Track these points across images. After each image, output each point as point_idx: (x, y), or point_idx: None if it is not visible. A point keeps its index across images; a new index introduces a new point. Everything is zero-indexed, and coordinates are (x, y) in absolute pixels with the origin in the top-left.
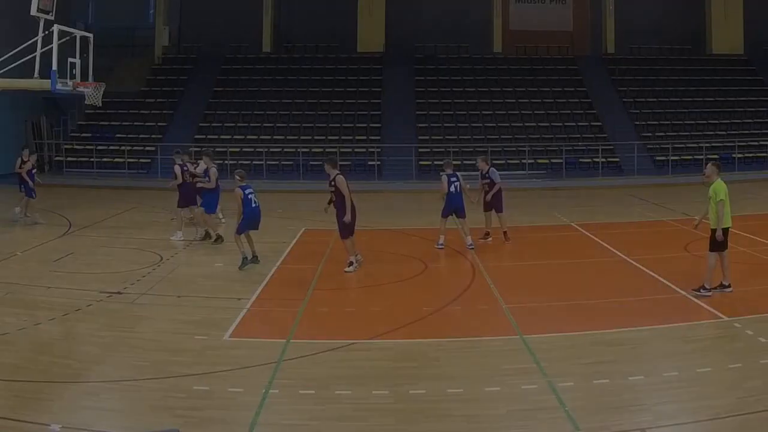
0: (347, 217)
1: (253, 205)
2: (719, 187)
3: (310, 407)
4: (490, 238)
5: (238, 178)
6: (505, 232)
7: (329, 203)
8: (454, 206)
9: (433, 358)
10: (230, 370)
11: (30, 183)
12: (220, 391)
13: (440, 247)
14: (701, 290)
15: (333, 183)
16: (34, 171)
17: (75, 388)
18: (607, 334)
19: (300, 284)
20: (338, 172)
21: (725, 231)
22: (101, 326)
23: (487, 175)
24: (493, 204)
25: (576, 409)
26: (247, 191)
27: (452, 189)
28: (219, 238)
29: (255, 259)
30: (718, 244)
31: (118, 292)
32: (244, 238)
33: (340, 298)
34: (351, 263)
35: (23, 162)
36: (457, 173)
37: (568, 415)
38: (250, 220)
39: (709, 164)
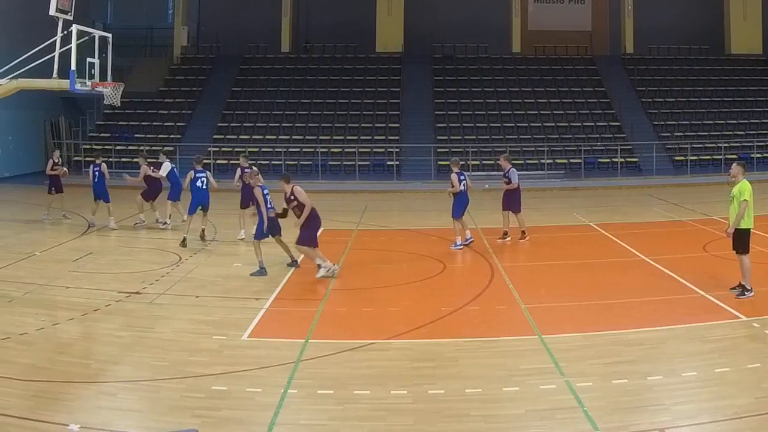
0: (299, 221)
1: (269, 205)
2: (744, 187)
3: (328, 407)
4: (509, 238)
5: (255, 176)
6: (523, 232)
7: (282, 216)
8: (466, 205)
9: (451, 358)
10: (249, 370)
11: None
12: (238, 391)
13: (459, 247)
14: (746, 293)
15: (293, 197)
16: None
17: (93, 388)
18: (625, 333)
19: (318, 284)
20: (293, 184)
21: (747, 232)
22: (120, 326)
23: (506, 175)
24: (510, 205)
25: (594, 409)
26: (265, 191)
27: (462, 187)
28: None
29: (294, 263)
30: (743, 244)
31: (137, 292)
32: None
33: (358, 297)
34: (320, 266)
35: (55, 164)
36: (464, 172)
37: (587, 415)
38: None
39: (735, 164)
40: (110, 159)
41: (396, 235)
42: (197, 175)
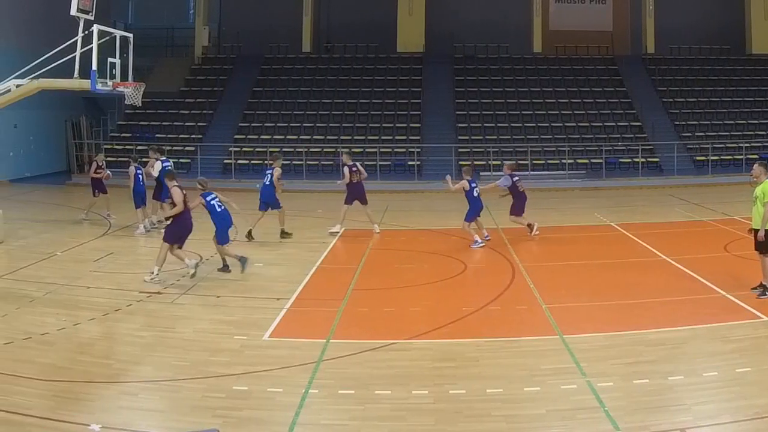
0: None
1: (219, 210)
2: (767, 187)
3: (349, 407)
4: (536, 230)
5: (199, 186)
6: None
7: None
8: (478, 210)
9: (472, 358)
10: (269, 370)
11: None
12: (259, 391)
13: (480, 245)
14: (767, 293)
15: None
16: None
17: (114, 388)
18: (647, 333)
19: (339, 284)
20: (175, 183)
21: None
22: (141, 326)
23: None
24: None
25: (615, 409)
26: (208, 198)
27: (475, 194)
28: None
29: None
30: (764, 245)
31: (158, 292)
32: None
33: (379, 297)
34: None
35: (98, 167)
36: (475, 180)
37: (608, 415)
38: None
39: (757, 164)
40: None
41: (417, 235)
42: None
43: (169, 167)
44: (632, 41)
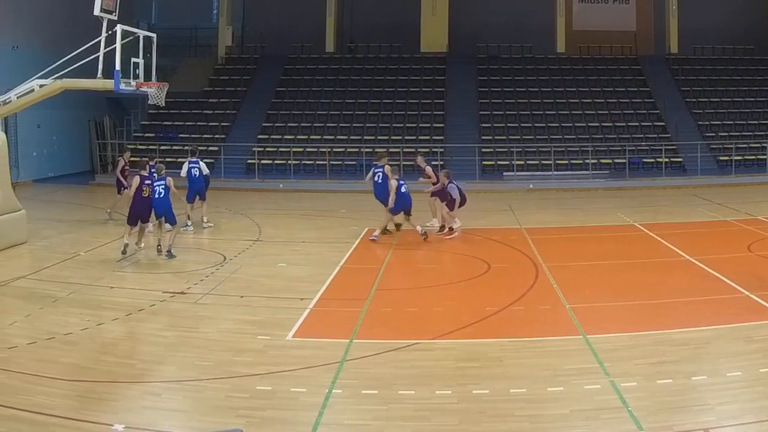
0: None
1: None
2: None
3: (373, 407)
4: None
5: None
6: (447, 227)
7: None
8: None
9: (496, 358)
10: (293, 370)
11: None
12: (283, 391)
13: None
14: None
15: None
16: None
17: (138, 388)
18: (670, 334)
19: (363, 284)
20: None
21: None
22: (164, 326)
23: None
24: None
25: (639, 409)
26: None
27: (403, 189)
28: None
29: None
30: None
31: (182, 292)
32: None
33: (403, 297)
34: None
35: (125, 165)
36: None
37: (631, 415)
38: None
39: None
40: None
41: (441, 235)
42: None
43: (195, 167)
44: (656, 41)
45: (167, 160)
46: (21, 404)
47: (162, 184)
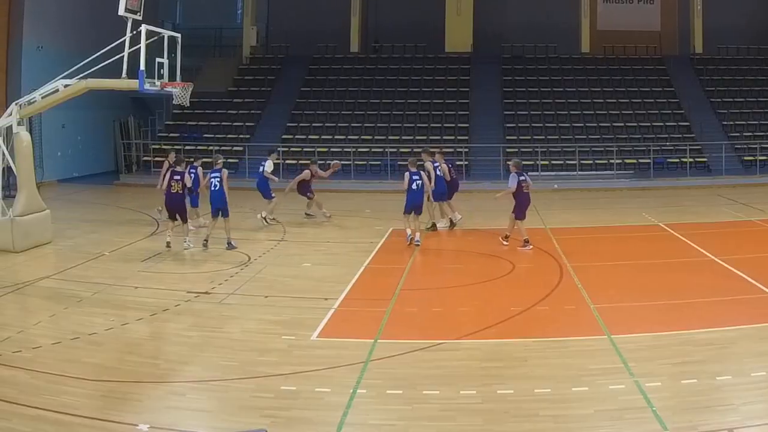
0: None
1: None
2: None
3: (397, 407)
4: (530, 246)
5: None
6: (525, 240)
7: None
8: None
9: (520, 358)
10: (317, 370)
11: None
12: (307, 391)
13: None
14: None
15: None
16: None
17: (162, 388)
18: (695, 333)
19: (387, 284)
20: None
21: None
22: (189, 326)
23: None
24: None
25: (664, 409)
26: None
27: (414, 186)
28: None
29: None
30: None
31: (206, 292)
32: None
33: (427, 297)
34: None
35: (171, 165)
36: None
37: (656, 415)
38: None
39: None
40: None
41: (465, 235)
42: (212, 176)
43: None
44: (680, 41)
45: (190, 159)
46: (46, 404)
47: (217, 176)
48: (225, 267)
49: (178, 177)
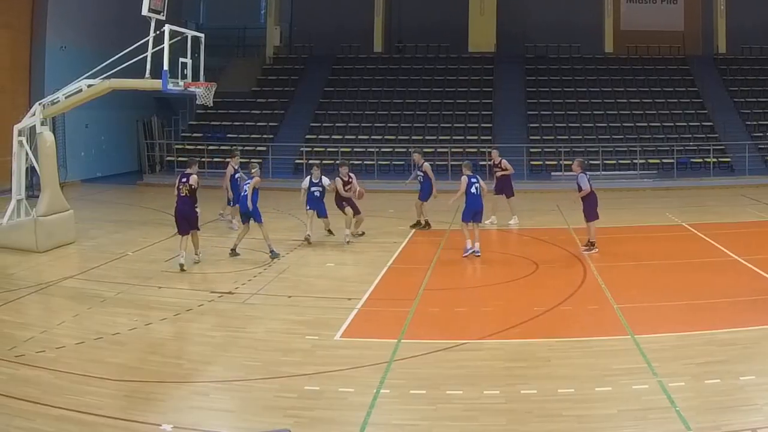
0: None
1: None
2: None
3: (421, 407)
4: (595, 250)
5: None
6: (591, 243)
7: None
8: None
9: (543, 358)
10: (341, 370)
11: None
12: (330, 391)
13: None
14: None
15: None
16: (237, 176)
17: (186, 388)
18: (718, 333)
19: (411, 284)
20: None
21: None
22: (212, 326)
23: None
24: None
25: (687, 409)
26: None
27: (473, 190)
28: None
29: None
30: None
31: (229, 292)
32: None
33: (451, 297)
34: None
35: (235, 169)
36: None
37: (679, 415)
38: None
39: None
40: (202, 159)
41: (489, 235)
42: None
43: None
44: (703, 41)
45: (215, 159)
46: (69, 404)
47: (248, 182)
48: (248, 267)
49: (185, 179)
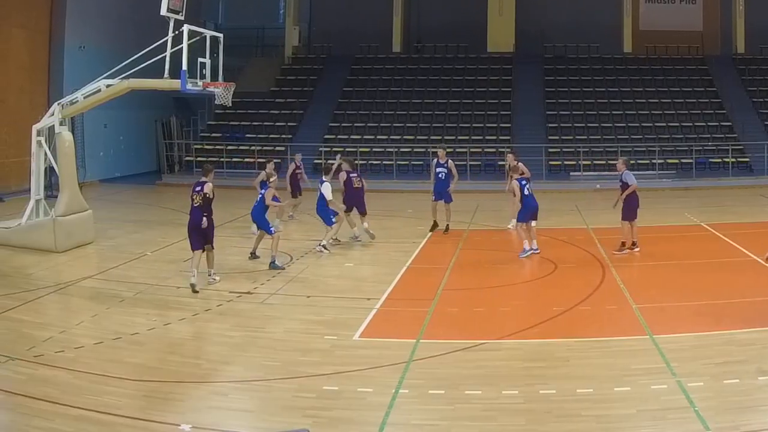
0: None
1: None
2: None
3: (439, 407)
4: (626, 250)
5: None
6: (632, 242)
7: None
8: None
9: (562, 358)
10: (359, 370)
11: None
12: (349, 391)
13: (527, 254)
14: None
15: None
16: (298, 172)
17: (204, 388)
18: (737, 333)
19: (429, 284)
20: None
21: None
22: (231, 326)
23: (621, 179)
24: (624, 210)
25: (706, 409)
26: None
27: (526, 192)
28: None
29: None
30: None
31: (248, 292)
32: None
33: (469, 297)
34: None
35: (297, 168)
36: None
37: (698, 415)
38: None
39: None
40: (221, 159)
41: (507, 235)
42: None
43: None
44: (722, 41)
45: (234, 159)
46: (88, 404)
47: (263, 191)
48: (267, 267)
49: (199, 188)
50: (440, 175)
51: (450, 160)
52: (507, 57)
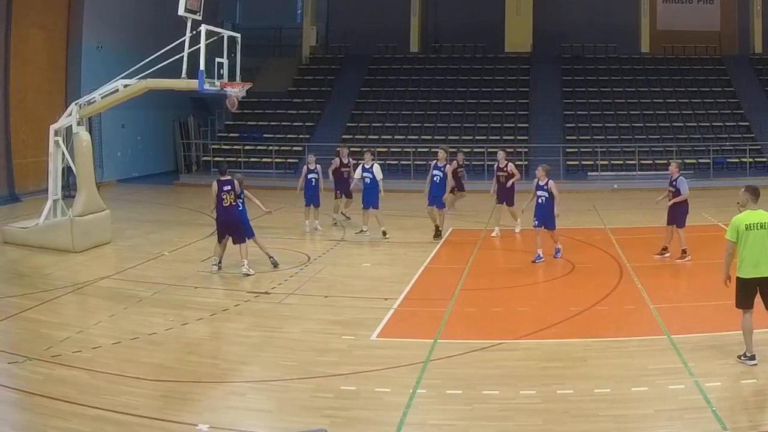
0: None
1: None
2: None
3: (457, 407)
4: (668, 254)
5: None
6: (683, 250)
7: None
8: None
9: (580, 358)
10: (377, 370)
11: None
12: (367, 391)
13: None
14: None
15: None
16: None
17: (222, 388)
18: (755, 333)
19: (447, 284)
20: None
21: None
22: (248, 326)
23: (673, 183)
24: (671, 215)
25: (723, 409)
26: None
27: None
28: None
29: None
30: None
31: (266, 292)
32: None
33: (487, 297)
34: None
35: (343, 164)
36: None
37: (716, 415)
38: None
39: None
40: (238, 159)
41: (524, 235)
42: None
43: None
44: (740, 41)
45: (251, 159)
46: (105, 404)
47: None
48: (285, 267)
49: (229, 187)
50: (436, 179)
51: (448, 165)
52: (524, 57)
